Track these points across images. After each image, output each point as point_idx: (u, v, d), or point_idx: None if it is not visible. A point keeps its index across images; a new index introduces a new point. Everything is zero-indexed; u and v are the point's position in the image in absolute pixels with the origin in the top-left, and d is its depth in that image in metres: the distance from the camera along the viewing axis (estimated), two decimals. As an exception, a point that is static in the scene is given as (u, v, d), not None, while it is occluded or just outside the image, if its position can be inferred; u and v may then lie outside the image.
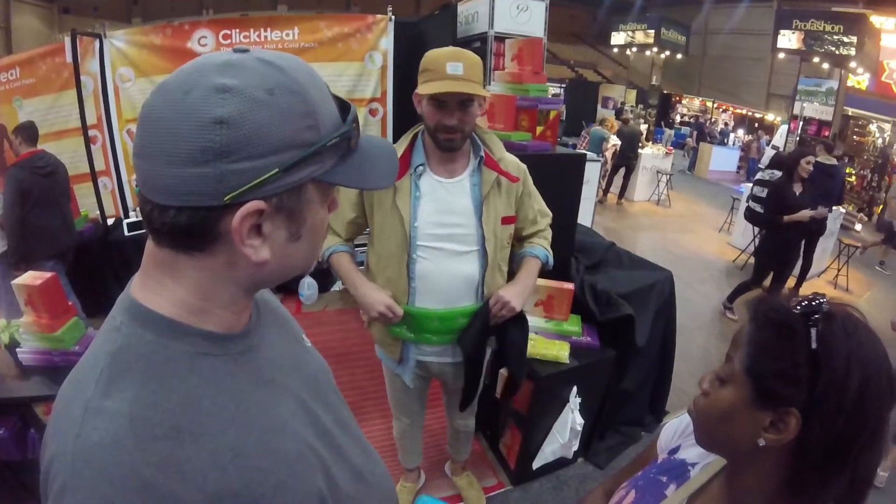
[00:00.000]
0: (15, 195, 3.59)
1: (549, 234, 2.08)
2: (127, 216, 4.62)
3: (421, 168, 1.78)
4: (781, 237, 4.76)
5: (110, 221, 4.63)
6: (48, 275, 2.27)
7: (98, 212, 4.52)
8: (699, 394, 0.83)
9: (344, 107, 0.67)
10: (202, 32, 4.41)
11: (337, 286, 4.54)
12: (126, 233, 4.39)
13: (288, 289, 4.14)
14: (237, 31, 4.46)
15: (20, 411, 2.20)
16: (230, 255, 0.61)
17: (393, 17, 4.66)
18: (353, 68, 4.66)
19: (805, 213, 4.56)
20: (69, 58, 4.13)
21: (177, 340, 0.62)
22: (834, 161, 6.52)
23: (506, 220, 1.86)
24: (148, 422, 0.55)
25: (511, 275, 1.97)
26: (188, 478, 0.56)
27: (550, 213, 2.09)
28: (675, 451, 1.02)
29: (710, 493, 0.88)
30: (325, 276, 4.45)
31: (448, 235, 1.80)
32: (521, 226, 1.96)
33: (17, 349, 2.26)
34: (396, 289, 1.83)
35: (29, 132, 3.79)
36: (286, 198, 0.60)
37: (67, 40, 4.09)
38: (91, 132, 4.38)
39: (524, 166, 1.93)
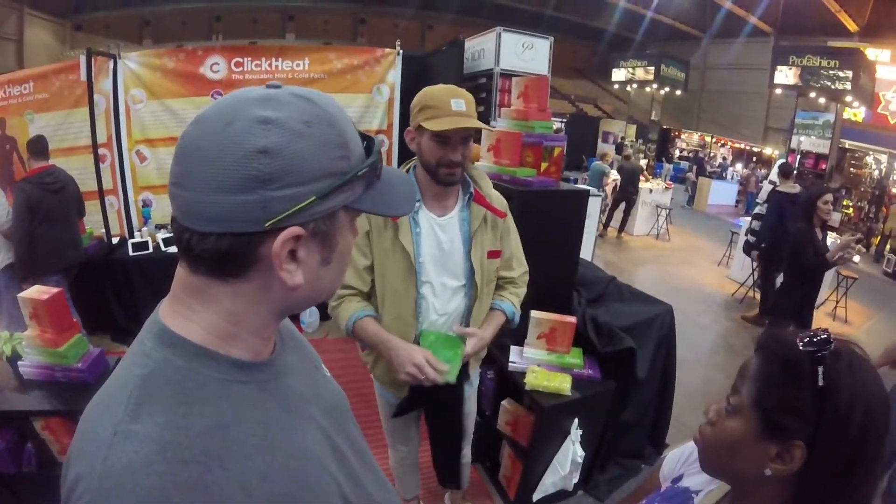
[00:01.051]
0: (23, 209, 3.65)
1: (522, 290, 2.08)
2: (132, 236, 4.66)
3: (417, 204, 1.80)
4: (801, 286, 4.36)
5: (115, 240, 4.66)
6: (55, 290, 2.27)
7: (103, 230, 4.55)
8: (704, 422, 0.86)
9: (365, 138, 0.70)
10: (215, 59, 4.50)
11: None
12: (130, 252, 4.41)
13: (290, 316, 4.15)
14: (249, 59, 4.55)
15: (17, 424, 2.20)
16: (265, 279, 0.63)
17: (401, 51, 4.77)
18: (360, 100, 4.75)
19: (837, 251, 4.08)
20: (83, 76, 4.19)
21: (207, 367, 0.63)
22: (796, 189, 6.56)
23: (492, 254, 1.90)
24: (177, 446, 0.56)
25: None
26: (216, 502, 0.56)
27: (527, 267, 2.10)
28: (678, 479, 1.04)
29: None
30: (325, 304, 4.46)
31: (443, 270, 1.84)
32: None
33: (19, 362, 2.26)
34: (404, 326, 1.84)
35: (36, 146, 3.83)
36: (321, 224, 0.63)
37: (83, 58, 4.16)
38: (100, 150, 4.42)
39: (506, 203, 1.98)
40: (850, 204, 14.17)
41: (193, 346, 0.63)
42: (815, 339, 0.74)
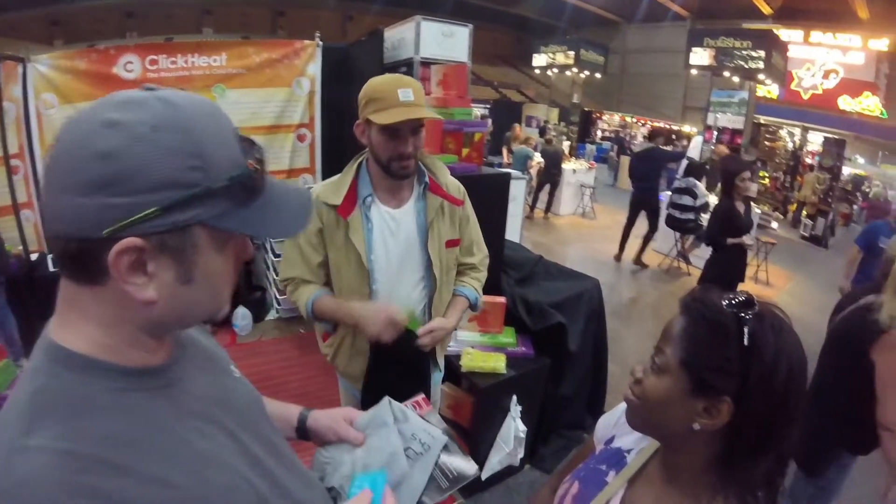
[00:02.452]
0: None
1: (483, 274, 2.07)
2: (51, 251, 4.42)
3: (369, 199, 1.77)
4: (731, 258, 4.60)
5: (34, 257, 4.38)
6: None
7: (21, 246, 4.28)
8: (632, 381, 0.90)
9: (255, 152, 0.66)
10: (128, 58, 4.27)
11: (271, 315, 4.47)
12: (51, 268, 4.16)
13: (222, 321, 4.07)
14: (164, 56, 4.34)
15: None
16: (121, 290, 0.60)
17: (321, 42, 4.68)
18: (281, 94, 4.64)
19: (746, 241, 4.49)
20: None
21: (96, 378, 0.61)
22: (647, 146, 7.47)
23: (450, 244, 1.88)
24: (73, 455, 0.55)
25: None
26: None
27: (487, 252, 2.08)
28: (610, 441, 1.09)
29: (647, 474, 0.96)
30: (258, 305, 4.38)
31: (400, 262, 1.82)
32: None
33: (-61, 394, 2.12)
34: None
35: None
36: (169, 238, 0.59)
37: None
38: (13, 162, 4.15)
39: (464, 190, 1.95)
40: (767, 175, 15.04)
41: (81, 358, 0.62)
42: (739, 301, 0.79)
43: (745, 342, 0.76)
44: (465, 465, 1.03)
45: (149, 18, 18.99)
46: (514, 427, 2.75)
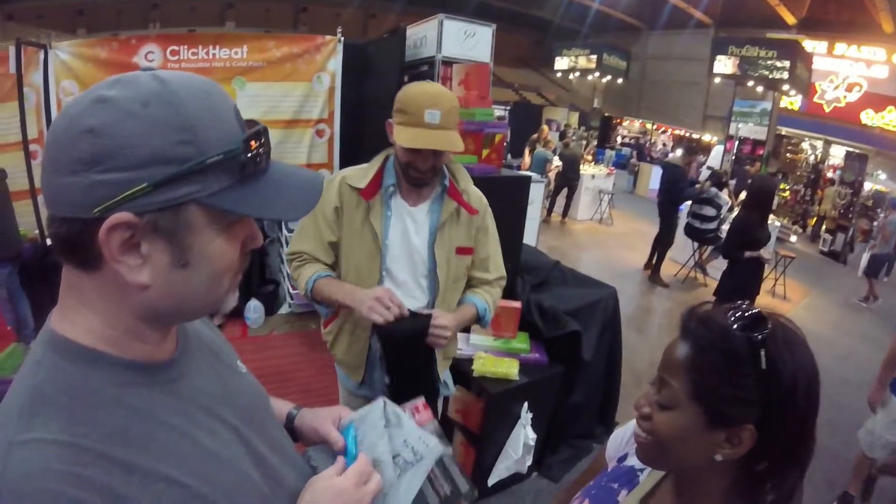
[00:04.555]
0: None
1: (497, 292, 2.00)
2: (49, 235, 4.42)
3: (392, 189, 1.77)
4: (747, 271, 4.46)
5: (49, 242, 4.41)
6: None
7: (37, 231, 4.29)
8: (639, 417, 0.84)
9: (257, 132, 0.64)
10: (149, 47, 4.29)
11: (283, 309, 4.47)
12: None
13: (233, 312, 4.07)
14: (185, 47, 4.35)
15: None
16: (116, 275, 0.58)
17: (342, 38, 4.67)
18: (300, 89, 4.63)
19: (764, 254, 4.40)
20: (13, 68, 3.93)
21: (99, 371, 0.60)
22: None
23: (462, 250, 1.84)
24: (76, 448, 0.54)
25: None
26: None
27: (504, 274, 2.03)
28: (623, 458, 1.05)
29: (661, 495, 0.91)
30: (271, 299, 4.38)
31: (408, 257, 1.81)
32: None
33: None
34: None
35: None
36: (162, 218, 0.57)
37: (12, 49, 3.91)
38: (32, 147, 4.15)
39: (486, 202, 1.92)
40: (787, 188, 14.86)
41: (84, 350, 0.60)
42: (748, 321, 0.73)
43: (763, 366, 0.71)
44: (460, 482, 0.96)
45: (172, 10, 19.16)
46: (523, 434, 2.70)
